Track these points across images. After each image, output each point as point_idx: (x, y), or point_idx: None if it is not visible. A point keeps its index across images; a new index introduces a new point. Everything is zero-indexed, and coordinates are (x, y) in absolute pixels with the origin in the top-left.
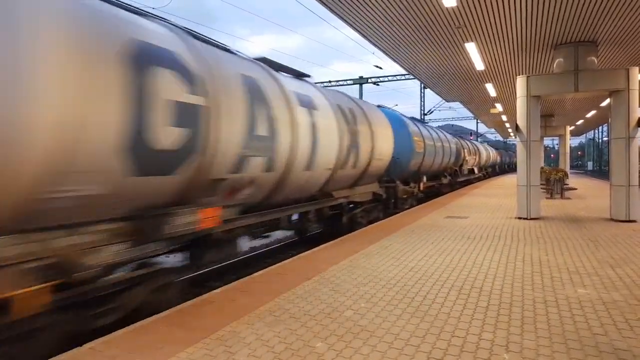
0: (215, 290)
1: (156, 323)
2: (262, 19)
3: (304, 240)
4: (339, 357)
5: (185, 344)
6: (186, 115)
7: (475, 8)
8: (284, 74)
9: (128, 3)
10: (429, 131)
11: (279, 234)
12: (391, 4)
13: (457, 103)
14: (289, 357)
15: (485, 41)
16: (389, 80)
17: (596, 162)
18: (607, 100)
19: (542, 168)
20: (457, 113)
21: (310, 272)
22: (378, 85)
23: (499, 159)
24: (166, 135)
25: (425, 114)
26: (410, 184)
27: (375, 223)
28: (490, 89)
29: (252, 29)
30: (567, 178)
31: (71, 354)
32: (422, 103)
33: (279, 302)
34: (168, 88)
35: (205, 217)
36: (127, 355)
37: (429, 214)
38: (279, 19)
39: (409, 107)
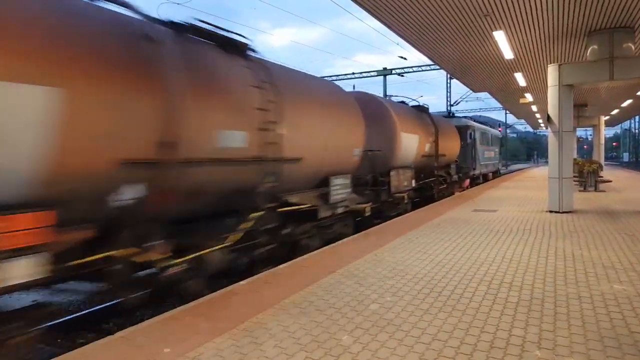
0: (240, 282)
1: (183, 313)
2: (283, 11)
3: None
4: (365, 350)
5: (212, 334)
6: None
7: None
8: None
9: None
10: None
11: None
12: None
13: (485, 93)
14: (315, 349)
15: (515, 29)
16: (413, 71)
17: (632, 153)
18: None
19: (575, 160)
20: (484, 104)
21: (334, 265)
22: (402, 76)
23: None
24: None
25: (452, 105)
26: None
27: (399, 217)
28: (520, 79)
29: (274, 22)
30: (602, 170)
31: (104, 341)
32: (448, 94)
33: (303, 294)
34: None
35: None
36: (156, 344)
37: (455, 208)
38: (300, 10)
39: (434, 99)
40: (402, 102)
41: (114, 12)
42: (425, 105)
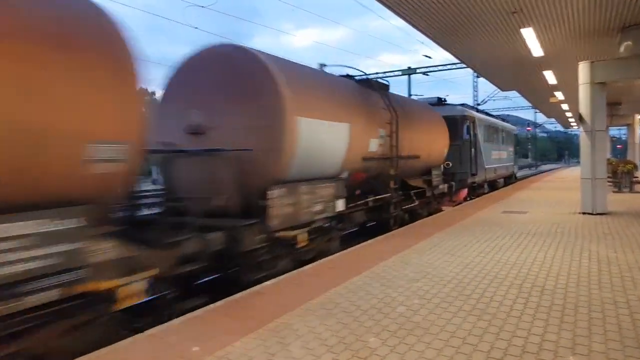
0: (266, 283)
1: (211, 313)
2: (305, 12)
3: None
4: (393, 353)
5: (239, 334)
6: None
7: None
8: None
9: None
10: None
11: None
12: None
13: (513, 92)
14: (341, 350)
15: (544, 26)
16: (438, 70)
17: None
18: None
19: (608, 160)
20: (513, 102)
21: (360, 267)
22: (427, 75)
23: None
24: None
25: (479, 104)
26: None
27: (426, 218)
28: (550, 77)
29: (297, 23)
30: (637, 170)
31: (134, 339)
32: (475, 93)
33: (329, 295)
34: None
35: None
36: (184, 343)
37: (484, 209)
38: (323, 11)
39: (460, 98)
40: (347, 75)
41: None
42: (386, 82)
